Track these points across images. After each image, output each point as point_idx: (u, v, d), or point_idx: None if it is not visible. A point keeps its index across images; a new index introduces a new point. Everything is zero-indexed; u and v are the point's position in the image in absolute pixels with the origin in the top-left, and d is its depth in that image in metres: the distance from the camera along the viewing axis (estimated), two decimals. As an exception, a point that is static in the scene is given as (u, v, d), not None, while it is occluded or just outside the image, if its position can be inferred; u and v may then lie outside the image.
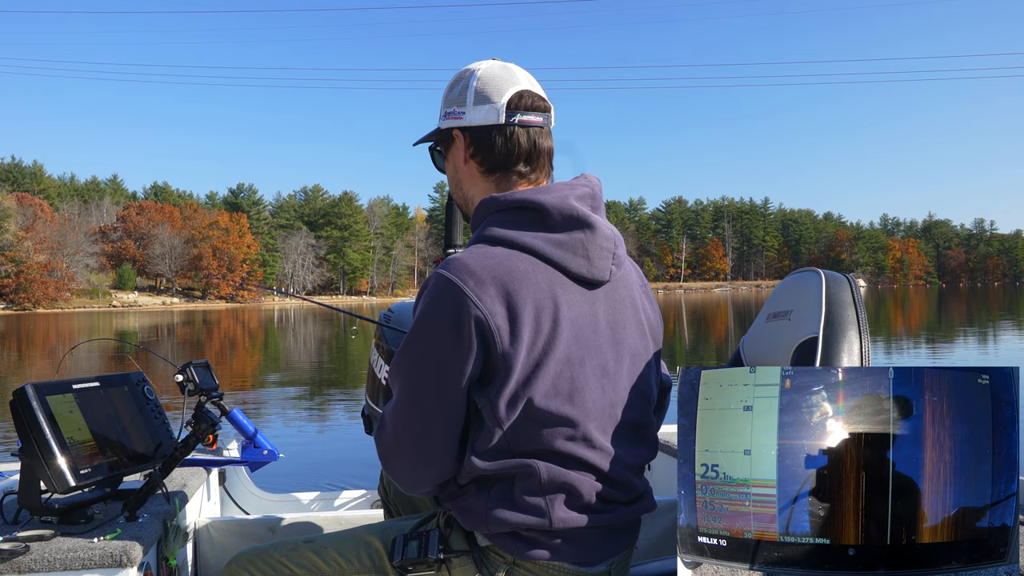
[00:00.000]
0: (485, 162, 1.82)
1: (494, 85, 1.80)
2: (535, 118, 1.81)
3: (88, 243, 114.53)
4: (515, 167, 1.81)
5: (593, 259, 1.73)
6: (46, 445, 2.12)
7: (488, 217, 1.76)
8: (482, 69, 1.83)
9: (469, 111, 1.81)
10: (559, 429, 1.65)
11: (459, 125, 1.83)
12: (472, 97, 1.80)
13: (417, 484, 1.76)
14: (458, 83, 1.85)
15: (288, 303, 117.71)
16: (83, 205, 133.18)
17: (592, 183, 1.81)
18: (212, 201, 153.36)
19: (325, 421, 11.64)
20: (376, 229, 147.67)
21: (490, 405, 1.64)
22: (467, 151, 1.84)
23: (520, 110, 1.79)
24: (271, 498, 3.64)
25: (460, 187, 1.91)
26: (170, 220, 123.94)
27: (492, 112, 1.79)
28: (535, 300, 1.63)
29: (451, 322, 1.60)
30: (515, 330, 1.60)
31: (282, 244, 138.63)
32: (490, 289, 1.60)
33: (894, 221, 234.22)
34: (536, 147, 1.82)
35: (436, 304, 1.63)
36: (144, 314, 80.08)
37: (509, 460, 1.66)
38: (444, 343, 1.62)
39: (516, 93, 1.80)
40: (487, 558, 1.73)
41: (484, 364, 1.63)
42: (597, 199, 1.80)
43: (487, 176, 1.84)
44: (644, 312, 1.88)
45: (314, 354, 25.60)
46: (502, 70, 1.83)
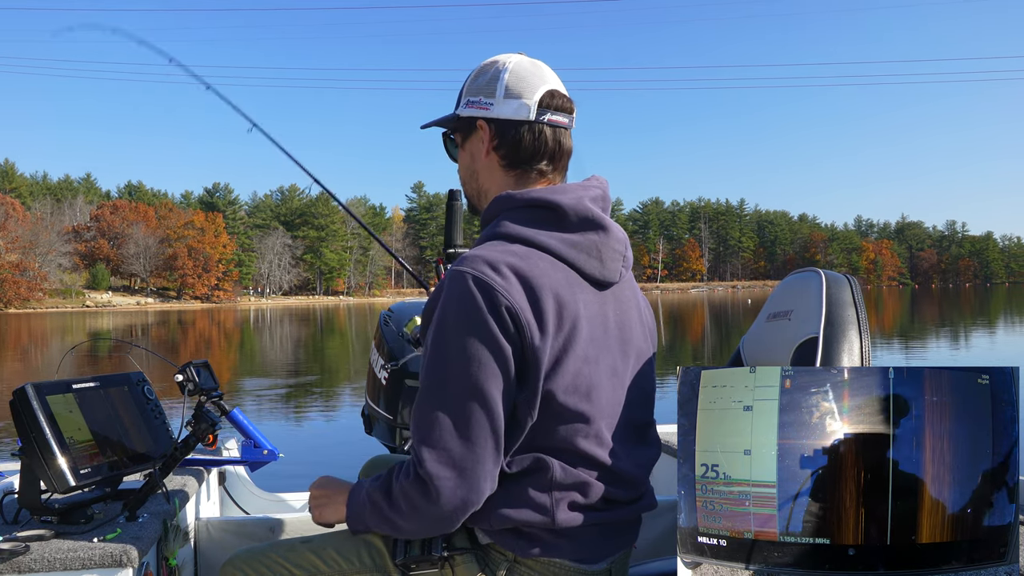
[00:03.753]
0: (508, 156, 1.81)
1: (527, 81, 1.79)
2: (562, 119, 1.82)
3: (61, 242, 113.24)
4: (537, 164, 1.81)
5: (606, 261, 1.74)
6: (46, 445, 2.11)
7: (503, 213, 1.76)
8: (513, 63, 1.82)
9: (498, 103, 1.79)
10: (575, 426, 1.66)
11: (485, 116, 1.81)
12: (502, 90, 1.79)
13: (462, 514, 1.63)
14: (486, 73, 1.83)
15: (264, 303, 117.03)
16: (56, 204, 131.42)
17: (603, 185, 1.82)
18: (187, 200, 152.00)
19: (325, 421, 11.59)
20: (353, 229, 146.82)
21: (524, 400, 1.63)
22: (491, 143, 1.82)
23: (550, 109, 1.79)
24: (271, 498, 3.61)
25: (475, 178, 1.89)
26: (145, 219, 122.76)
27: (523, 108, 1.78)
28: (556, 297, 1.63)
29: (488, 315, 1.57)
30: (542, 324, 1.60)
31: (258, 244, 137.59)
32: (515, 284, 1.60)
33: (868, 222, 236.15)
34: (560, 147, 1.82)
35: (466, 300, 1.59)
36: (118, 314, 79.36)
37: (527, 455, 1.66)
38: (486, 336, 1.58)
39: (547, 92, 1.80)
40: (489, 556, 1.73)
41: (521, 357, 1.61)
42: (607, 201, 1.81)
43: (507, 170, 1.83)
44: (644, 313, 1.90)
45: (311, 354, 25.47)
46: (533, 67, 1.83)
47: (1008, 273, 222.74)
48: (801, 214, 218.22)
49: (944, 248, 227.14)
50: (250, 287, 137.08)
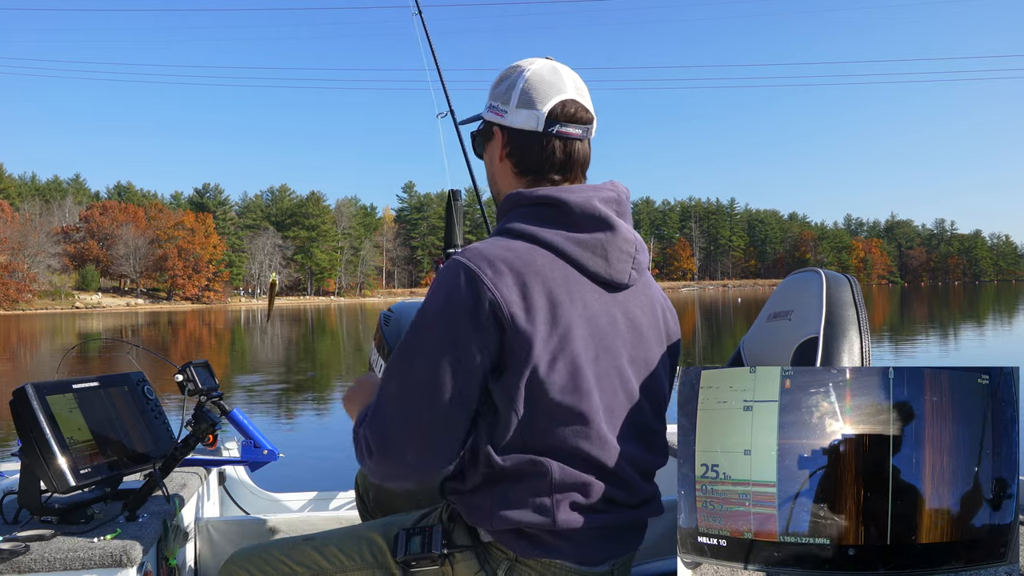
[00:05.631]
0: (519, 164, 1.83)
1: (539, 91, 1.79)
2: (574, 130, 1.80)
3: (50, 244, 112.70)
4: (547, 175, 1.82)
5: (612, 260, 1.74)
6: (46, 445, 2.11)
7: (512, 211, 1.78)
8: (531, 71, 1.81)
9: (511, 112, 1.80)
10: (572, 426, 1.65)
11: (499, 123, 1.83)
12: (516, 99, 1.80)
13: (412, 474, 1.71)
14: (505, 80, 1.85)
15: (254, 303, 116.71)
16: (45, 205, 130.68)
17: (619, 189, 1.82)
18: (177, 201, 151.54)
19: (325, 421, 11.55)
20: (344, 229, 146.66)
21: (506, 395, 1.64)
22: (503, 150, 1.84)
23: (560, 121, 1.78)
24: (271, 498, 3.62)
25: (494, 181, 1.92)
26: (134, 220, 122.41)
27: (532, 118, 1.78)
28: (550, 293, 1.64)
29: (468, 305, 1.60)
30: (530, 319, 1.61)
31: (249, 244, 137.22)
32: (507, 278, 1.61)
33: (858, 221, 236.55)
34: (571, 159, 1.81)
35: (452, 288, 1.63)
36: (108, 315, 79.01)
37: (523, 456, 1.66)
38: (461, 326, 1.61)
39: (560, 102, 1.78)
40: (489, 554, 1.73)
41: (499, 351, 1.62)
42: (623, 205, 1.81)
43: (520, 177, 1.84)
44: (665, 323, 1.89)
45: (304, 354, 25.40)
46: (551, 74, 1.81)
47: (996, 271, 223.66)
48: (791, 213, 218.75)
49: (933, 246, 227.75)
50: (240, 288, 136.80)
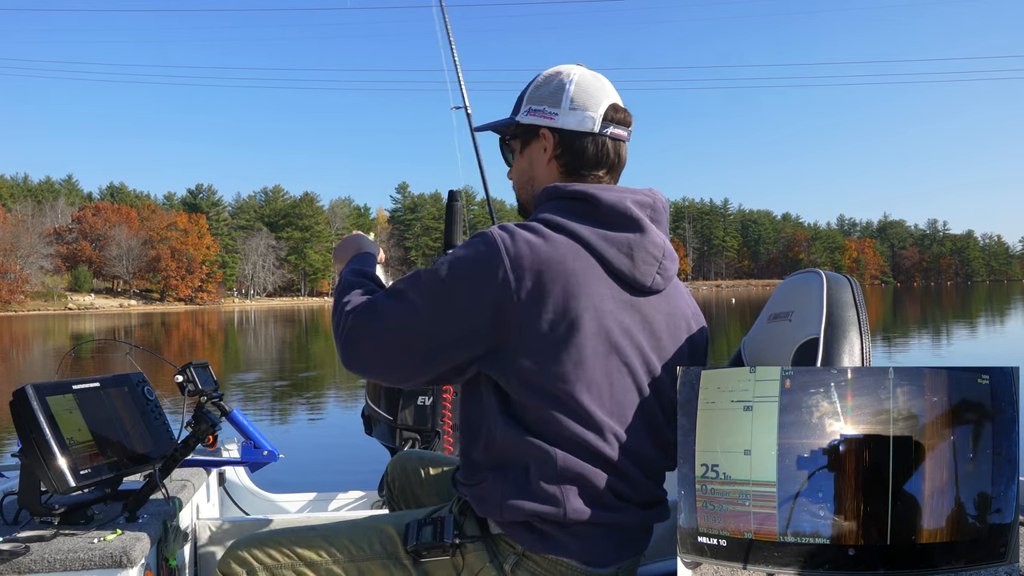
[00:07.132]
0: (569, 165, 1.87)
1: (591, 94, 1.86)
2: (623, 132, 1.90)
3: (42, 245, 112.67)
4: (595, 172, 1.88)
5: (637, 261, 1.75)
6: (46, 445, 2.10)
7: (546, 203, 1.81)
8: (578, 75, 1.88)
9: (563, 114, 1.86)
10: (576, 416, 1.66)
11: (550, 125, 1.87)
12: (568, 101, 1.86)
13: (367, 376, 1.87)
14: (550, 83, 1.89)
15: (248, 304, 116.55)
16: (37, 206, 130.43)
17: (656, 196, 1.85)
18: (170, 202, 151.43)
19: (325, 421, 11.53)
20: (337, 230, 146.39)
21: (506, 376, 1.68)
22: (554, 151, 1.88)
23: (613, 123, 1.87)
24: (271, 498, 3.62)
25: (531, 183, 1.94)
26: (127, 221, 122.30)
27: (588, 120, 1.85)
28: (565, 283, 1.65)
29: (482, 270, 1.66)
30: (538, 303, 1.64)
31: (242, 245, 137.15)
32: (525, 260, 1.64)
33: (850, 221, 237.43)
34: (619, 159, 1.91)
35: (474, 251, 1.69)
36: (101, 317, 78.88)
37: (526, 439, 1.68)
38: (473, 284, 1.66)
39: (611, 105, 1.87)
40: (498, 547, 1.74)
41: (497, 328, 1.66)
42: (658, 212, 1.84)
43: (564, 178, 1.89)
44: (688, 331, 1.90)
45: (307, 355, 25.37)
46: (596, 80, 1.89)
47: (988, 271, 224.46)
48: (784, 213, 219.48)
49: (926, 247, 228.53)
50: (234, 288, 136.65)
